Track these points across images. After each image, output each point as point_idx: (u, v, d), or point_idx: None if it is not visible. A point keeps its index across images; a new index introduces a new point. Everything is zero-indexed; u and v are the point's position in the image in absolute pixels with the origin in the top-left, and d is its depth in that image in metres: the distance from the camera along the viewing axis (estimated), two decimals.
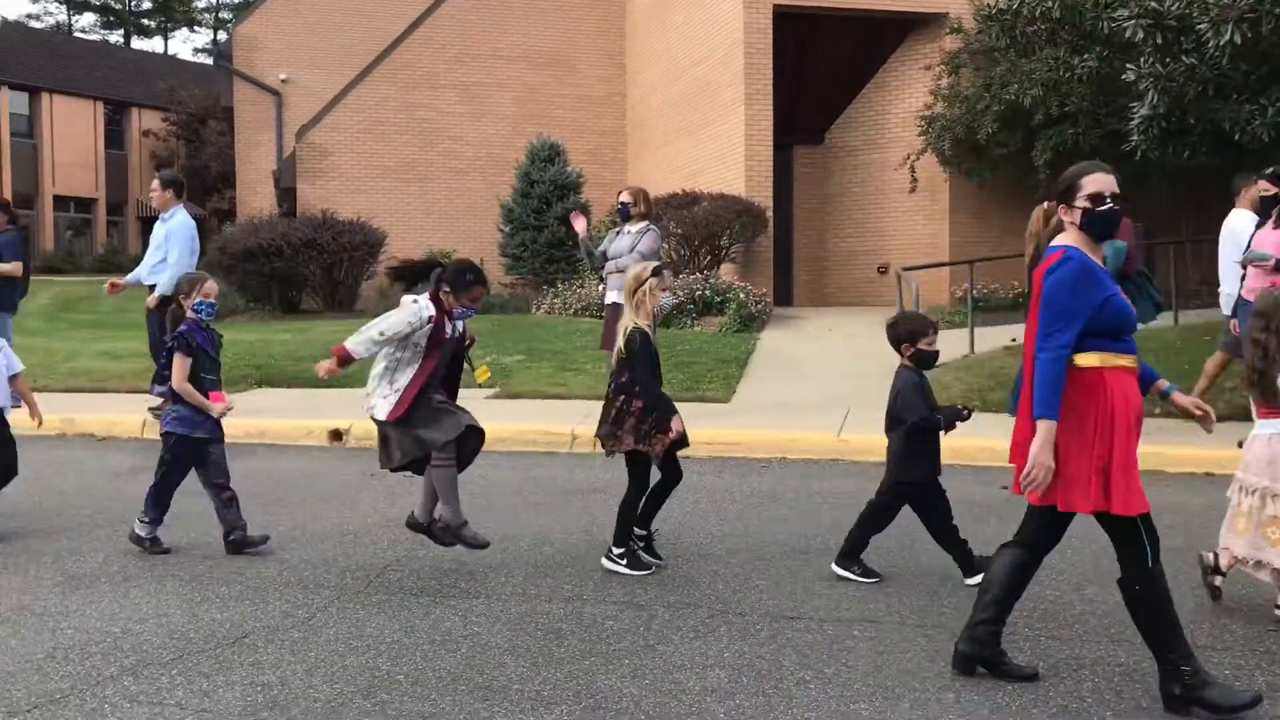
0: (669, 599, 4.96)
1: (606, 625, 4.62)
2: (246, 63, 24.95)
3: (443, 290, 5.37)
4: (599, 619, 4.70)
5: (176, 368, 5.70)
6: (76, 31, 61.45)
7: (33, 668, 4.15)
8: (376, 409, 5.32)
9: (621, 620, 4.68)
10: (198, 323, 5.81)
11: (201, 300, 5.82)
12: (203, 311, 5.83)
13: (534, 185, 18.98)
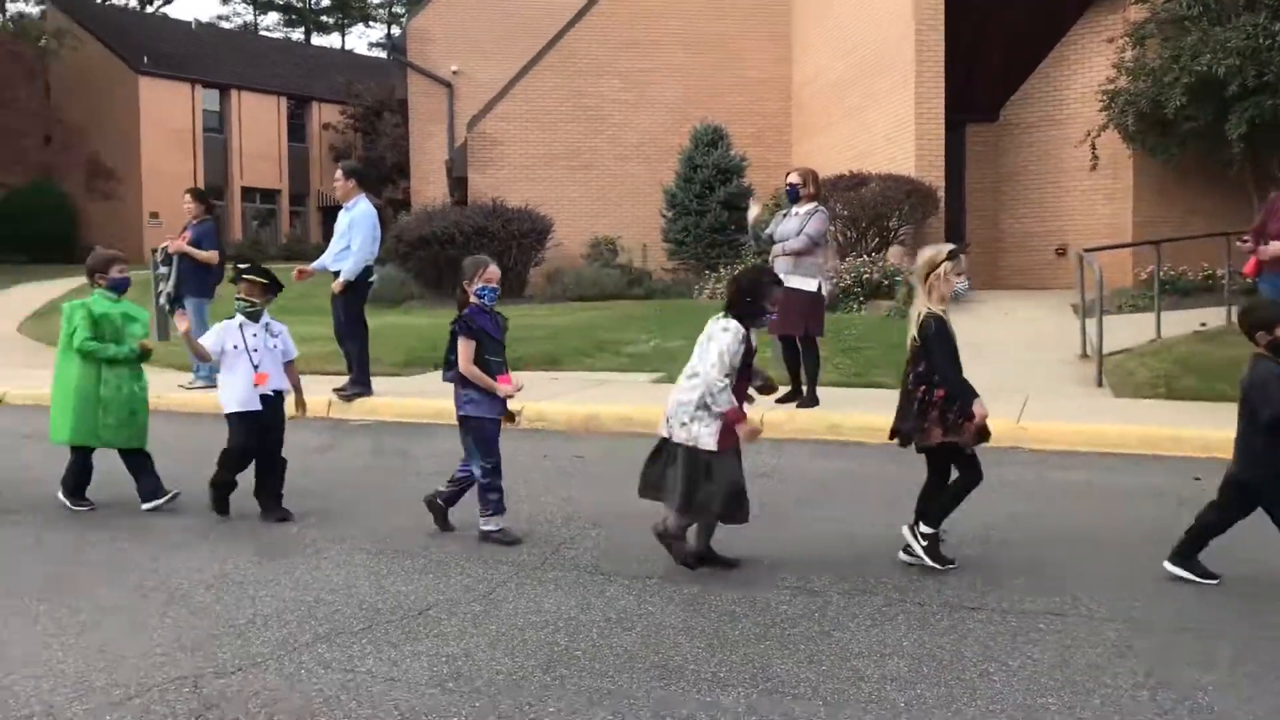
0: (843, 585, 4.89)
1: (780, 609, 4.59)
2: (419, 55, 25.73)
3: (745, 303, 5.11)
4: (772, 603, 4.67)
5: (462, 352, 5.68)
6: (261, 30, 64.44)
7: (235, 632, 4.38)
8: (702, 439, 5.00)
9: (795, 605, 4.64)
10: (480, 307, 5.76)
11: (484, 285, 5.76)
12: (485, 296, 5.76)
13: (697, 170, 18.99)
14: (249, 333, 6.28)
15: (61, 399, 6.42)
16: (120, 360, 6.38)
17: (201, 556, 5.49)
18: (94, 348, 6.29)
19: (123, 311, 6.52)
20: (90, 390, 6.32)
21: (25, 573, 5.25)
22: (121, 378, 6.42)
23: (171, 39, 45.29)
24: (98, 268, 6.53)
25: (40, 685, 3.86)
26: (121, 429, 6.41)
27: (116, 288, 6.53)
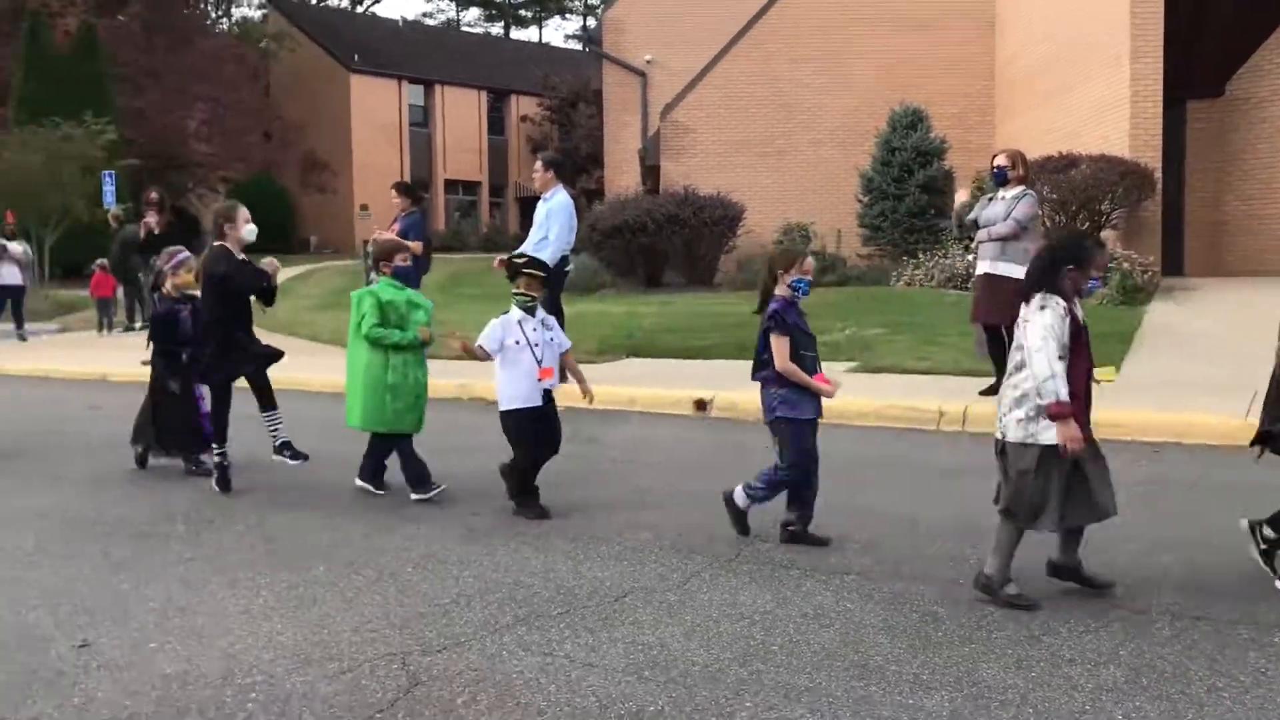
0: (1054, 588, 4.66)
1: (986, 612, 4.41)
2: (614, 46, 26.02)
3: (1067, 271, 4.54)
4: (978, 605, 4.49)
5: (777, 349, 5.30)
6: (463, 26, 66.53)
7: (440, 611, 4.52)
8: (1042, 434, 4.39)
9: (1003, 608, 4.45)
10: (790, 300, 5.40)
11: (800, 278, 5.40)
12: (800, 289, 5.40)
13: (894, 153, 18.53)
14: (529, 327, 6.13)
15: (352, 385, 6.60)
16: (404, 346, 6.49)
17: (409, 536, 5.69)
18: (379, 334, 6.42)
19: (407, 299, 6.62)
20: (378, 376, 6.45)
21: (248, 549, 5.56)
22: (408, 364, 6.53)
23: (380, 38, 47.33)
24: (383, 256, 6.68)
25: (262, 655, 4.07)
26: (407, 414, 6.52)
27: (400, 276, 6.66)
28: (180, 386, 7.38)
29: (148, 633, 4.34)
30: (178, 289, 7.43)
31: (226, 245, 6.72)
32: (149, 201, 13.16)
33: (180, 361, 7.37)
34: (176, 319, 7.39)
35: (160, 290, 7.56)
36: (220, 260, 6.67)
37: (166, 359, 7.46)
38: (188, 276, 7.32)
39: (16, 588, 4.95)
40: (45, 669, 3.98)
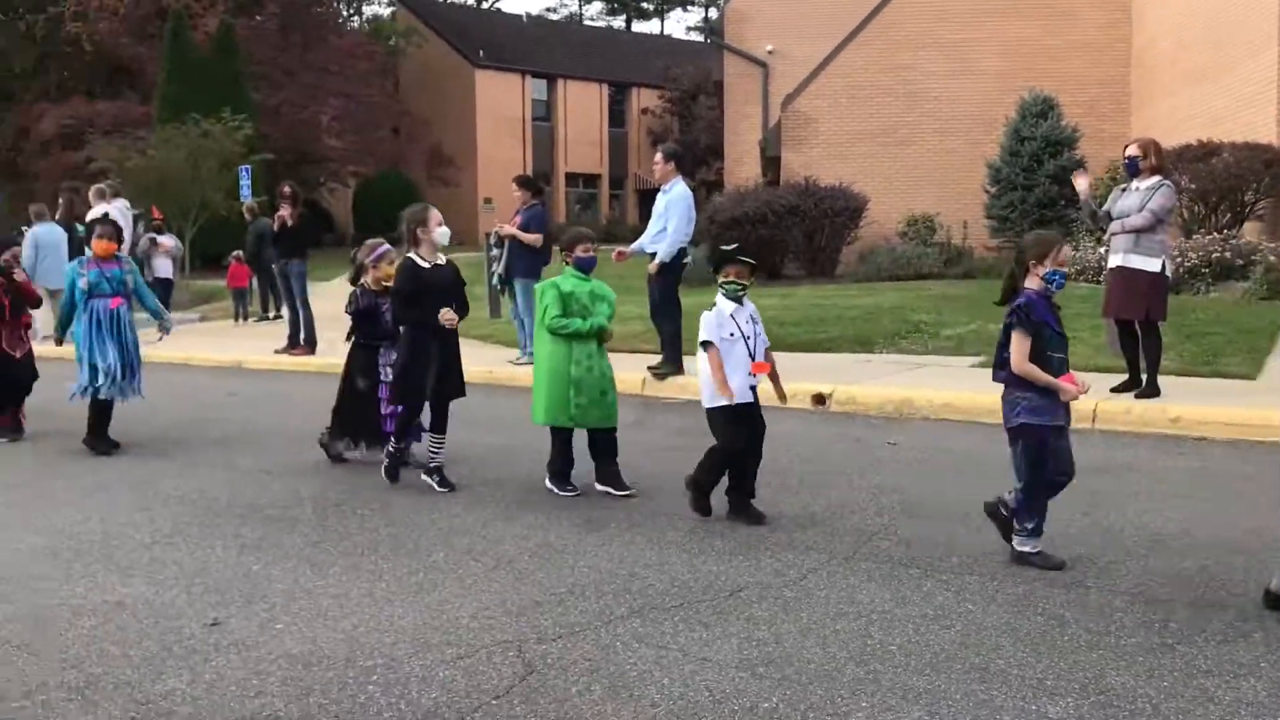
0: (1189, 595, 4.47)
1: (1116, 617, 4.25)
2: (736, 36, 25.89)
3: None
4: (1107, 609, 4.33)
5: (1016, 348, 4.81)
6: (586, 20, 67.03)
7: (555, 600, 4.56)
8: None
9: (1133, 613, 4.28)
10: (1043, 294, 4.89)
11: (1054, 270, 4.86)
12: (1054, 282, 4.87)
13: (1024, 142, 18.02)
14: (741, 319, 5.73)
15: (538, 378, 6.40)
16: (584, 335, 6.26)
17: (526, 525, 5.76)
18: (559, 323, 6.23)
19: (590, 290, 6.40)
20: (561, 370, 6.24)
21: (370, 535, 5.69)
22: (592, 357, 6.29)
23: (504, 33, 47.99)
24: (566, 246, 6.47)
25: (382, 639, 4.17)
26: (592, 408, 6.26)
27: (582, 266, 6.42)
28: (368, 386, 7.25)
29: (275, 613, 4.48)
30: (379, 282, 7.19)
31: (413, 257, 6.47)
32: (282, 195, 13.56)
33: (377, 357, 7.25)
34: (377, 313, 7.19)
35: (360, 284, 7.31)
36: (405, 277, 6.41)
37: (363, 354, 7.33)
38: (389, 269, 7.04)
39: (154, 568, 5.16)
40: (179, 646, 4.14)
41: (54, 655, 4.07)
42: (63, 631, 4.31)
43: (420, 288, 6.36)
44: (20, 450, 8.33)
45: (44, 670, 3.93)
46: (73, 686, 3.78)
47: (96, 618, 4.46)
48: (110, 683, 3.81)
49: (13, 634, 4.30)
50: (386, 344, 7.17)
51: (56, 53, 36.41)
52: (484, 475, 6.96)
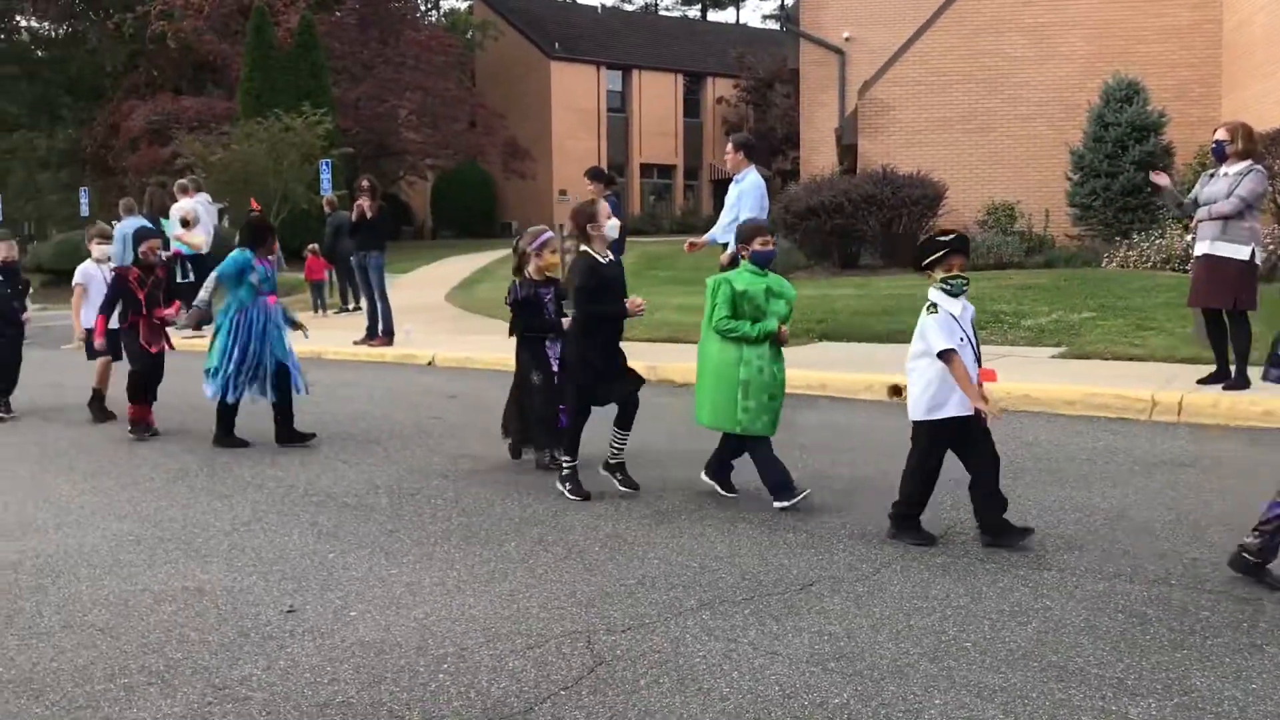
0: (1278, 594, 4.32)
1: (1201, 616, 4.12)
2: (812, 24, 25.62)
3: None
4: (1190, 607, 4.20)
5: None
6: (661, 10, 66.93)
7: (625, 592, 4.55)
8: None
9: (1219, 612, 4.15)
10: None
11: None
12: None
13: (1108, 128, 17.56)
14: (966, 321, 5.16)
15: (701, 379, 5.94)
16: (754, 340, 5.71)
17: (596, 515, 5.76)
18: (728, 327, 5.72)
19: (766, 287, 5.81)
20: (729, 371, 5.74)
21: (443, 524, 5.74)
22: (764, 358, 5.74)
23: (579, 24, 48.13)
24: (743, 239, 5.91)
25: (454, 628, 4.19)
26: (760, 414, 5.74)
27: (760, 261, 5.84)
28: (543, 379, 6.80)
29: (349, 600, 4.54)
30: (541, 271, 6.79)
31: (590, 252, 6.08)
32: (361, 188, 13.75)
33: (544, 349, 6.82)
34: (540, 304, 6.78)
35: (521, 273, 6.82)
36: (585, 273, 6.03)
37: (529, 347, 6.88)
38: (552, 258, 6.76)
39: (233, 554, 5.27)
40: (255, 632, 4.21)
41: (136, 639, 4.17)
42: (144, 616, 4.42)
43: (600, 283, 6.02)
44: (106, 438, 8.56)
45: (126, 654, 4.03)
46: (153, 670, 3.87)
47: (177, 603, 4.56)
48: (189, 667, 3.89)
49: (98, 618, 4.41)
50: (552, 336, 6.78)
51: (145, 50, 37.42)
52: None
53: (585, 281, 5.99)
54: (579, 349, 6.09)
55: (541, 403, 6.80)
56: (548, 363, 6.79)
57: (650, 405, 9.10)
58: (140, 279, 8.56)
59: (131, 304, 8.55)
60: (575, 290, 6.03)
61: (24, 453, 8.07)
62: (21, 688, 3.76)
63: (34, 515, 6.16)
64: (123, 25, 36.27)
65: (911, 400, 5.21)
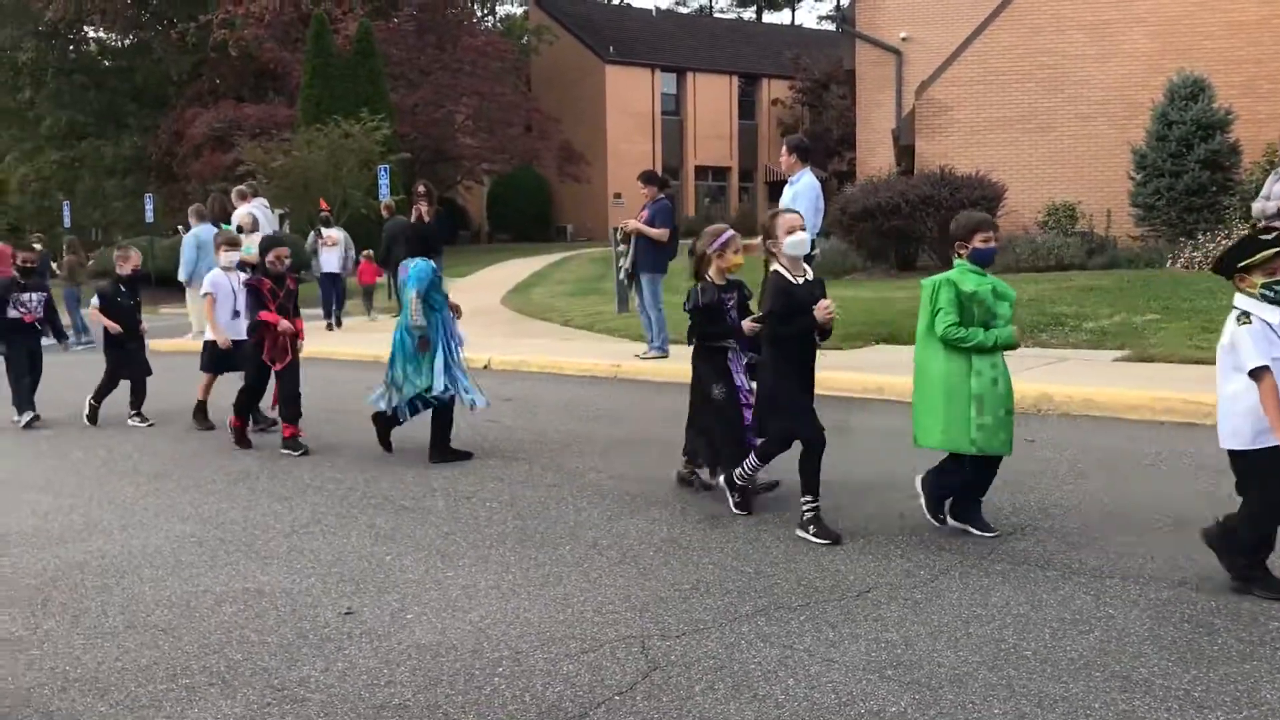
0: None
1: (1270, 626, 4.01)
2: (868, 24, 25.44)
3: None
4: (1260, 617, 4.09)
5: None
6: (716, 12, 66.84)
7: (680, 597, 4.53)
8: None
9: None
10: None
11: None
12: None
13: (1172, 126, 17.23)
14: None
15: (927, 395, 5.25)
16: (989, 348, 5.14)
17: (651, 520, 5.75)
18: (958, 335, 5.09)
19: (992, 288, 5.19)
20: (959, 384, 5.12)
21: (498, 527, 5.77)
22: (996, 367, 5.16)
23: (634, 28, 48.23)
24: (960, 234, 5.24)
25: (509, 631, 4.21)
26: (997, 430, 5.13)
27: (982, 259, 5.22)
28: (726, 393, 6.06)
29: (406, 603, 4.57)
30: (723, 273, 6.09)
31: (782, 272, 5.46)
32: (417, 193, 13.85)
33: (726, 360, 6.12)
34: (724, 310, 6.07)
35: (701, 277, 6.13)
36: (777, 295, 5.43)
37: (710, 358, 6.15)
38: (736, 258, 6.07)
39: (292, 556, 5.33)
40: (314, 633, 4.25)
41: (197, 640, 4.23)
42: (206, 617, 4.48)
43: (794, 306, 5.40)
44: (168, 441, 8.71)
45: (187, 654, 4.09)
46: (214, 671, 3.93)
47: (237, 605, 4.62)
48: (249, 668, 3.94)
49: (160, 619, 4.49)
50: (736, 345, 6.11)
51: (207, 59, 38.11)
52: (610, 468, 6.99)
53: (777, 306, 5.39)
54: (778, 376, 5.47)
55: (725, 419, 6.07)
56: (731, 375, 6.09)
57: None
58: (273, 290, 8.07)
59: None
60: (767, 315, 5.46)
61: (91, 455, 8.25)
62: (87, 686, 3.84)
63: (99, 517, 6.28)
64: (187, 35, 37.00)
65: (1230, 427, 4.42)
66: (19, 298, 9.75)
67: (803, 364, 5.52)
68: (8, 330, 9.74)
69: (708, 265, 6.13)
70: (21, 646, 4.24)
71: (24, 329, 9.79)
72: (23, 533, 5.96)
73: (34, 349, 9.92)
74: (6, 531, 5.99)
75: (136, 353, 9.76)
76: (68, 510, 6.46)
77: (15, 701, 3.74)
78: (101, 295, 9.78)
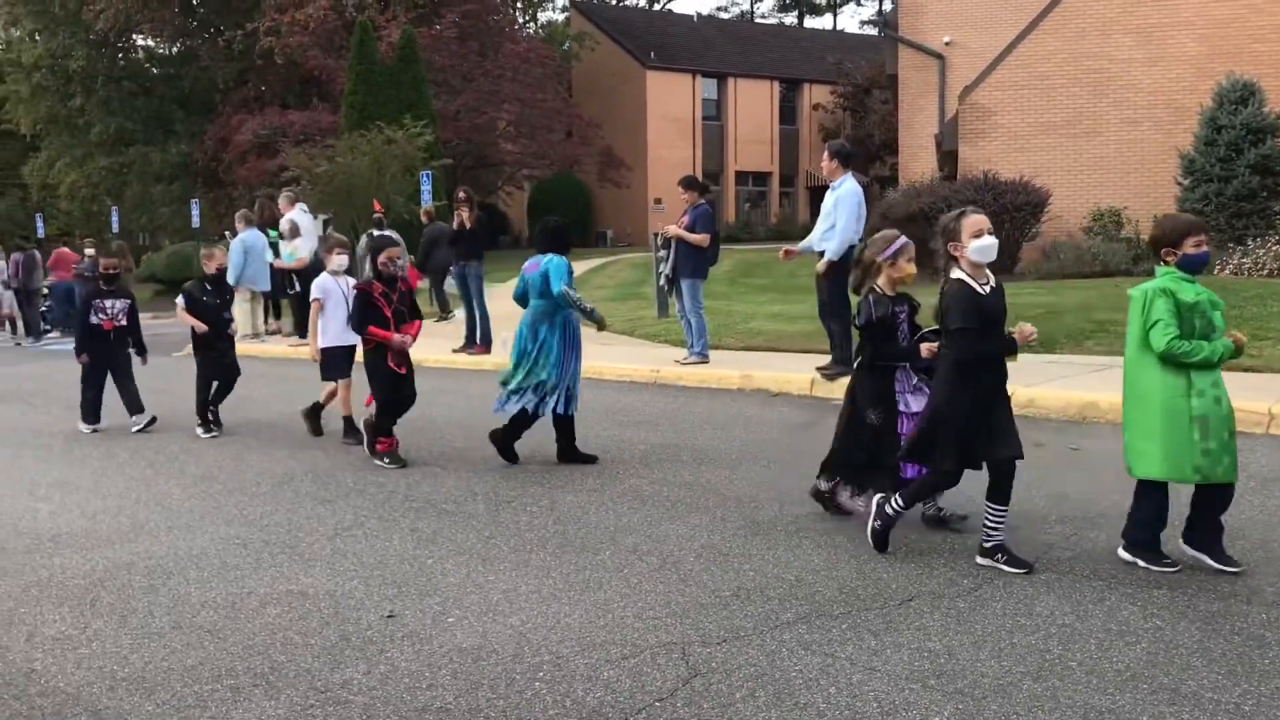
0: None
1: None
2: (911, 29, 25.30)
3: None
4: None
5: None
6: (757, 17, 66.74)
7: (720, 604, 4.52)
8: None
9: None
10: None
11: None
12: None
13: (1220, 131, 16.99)
14: None
15: (1143, 418, 4.75)
16: (1212, 363, 4.67)
17: (691, 526, 5.74)
18: (1182, 349, 4.60)
19: (1208, 297, 4.76)
20: (1178, 405, 4.65)
21: (539, 532, 5.78)
22: (1217, 385, 4.70)
23: (675, 33, 48.25)
24: (1169, 240, 4.75)
25: (549, 636, 4.21)
26: (1222, 455, 4.66)
27: (1193, 265, 4.74)
28: (883, 419, 5.53)
29: (447, 606, 4.59)
30: (895, 284, 5.58)
31: (966, 281, 4.87)
32: (459, 199, 13.97)
33: (893, 383, 5.55)
34: (897, 325, 5.52)
35: (868, 289, 5.61)
36: (963, 305, 4.82)
37: (878, 379, 5.57)
38: (909, 267, 5.58)
39: (335, 559, 5.37)
40: (356, 636, 4.28)
41: (241, 641, 4.27)
42: (250, 619, 4.53)
43: (982, 320, 4.81)
44: (212, 443, 8.80)
45: (232, 655, 4.13)
46: (258, 672, 3.96)
47: (281, 606, 4.67)
48: (292, 670, 3.97)
49: (206, 620, 4.54)
50: (904, 368, 5.54)
51: (253, 66, 38.57)
52: (649, 474, 6.99)
53: (964, 319, 4.78)
54: (953, 397, 4.87)
55: (874, 447, 5.54)
56: (893, 400, 5.53)
57: (740, 415, 9.07)
58: (385, 294, 7.61)
59: (377, 322, 7.56)
60: (957, 331, 4.81)
61: (137, 457, 8.36)
62: (135, 685, 3.89)
63: (146, 518, 6.37)
64: (233, 42, 37.47)
65: None
66: (100, 304, 9.58)
67: (988, 385, 4.87)
68: (89, 338, 9.56)
69: (876, 275, 5.58)
70: (71, 645, 4.30)
71: (103, 336, 9.58)
72: (72, 534, 6.05)
73: (114, 357, 9.62)
74: (57, 532, 6.09)
75: (226, 353, 9.45)
76: (115, 512, 6.56)
77: (65, 699, 3.79)
78: (187, 295, 9.45)
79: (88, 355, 9.59)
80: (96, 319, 9.58)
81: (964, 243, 4.89)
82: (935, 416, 4.92)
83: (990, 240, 4.90)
